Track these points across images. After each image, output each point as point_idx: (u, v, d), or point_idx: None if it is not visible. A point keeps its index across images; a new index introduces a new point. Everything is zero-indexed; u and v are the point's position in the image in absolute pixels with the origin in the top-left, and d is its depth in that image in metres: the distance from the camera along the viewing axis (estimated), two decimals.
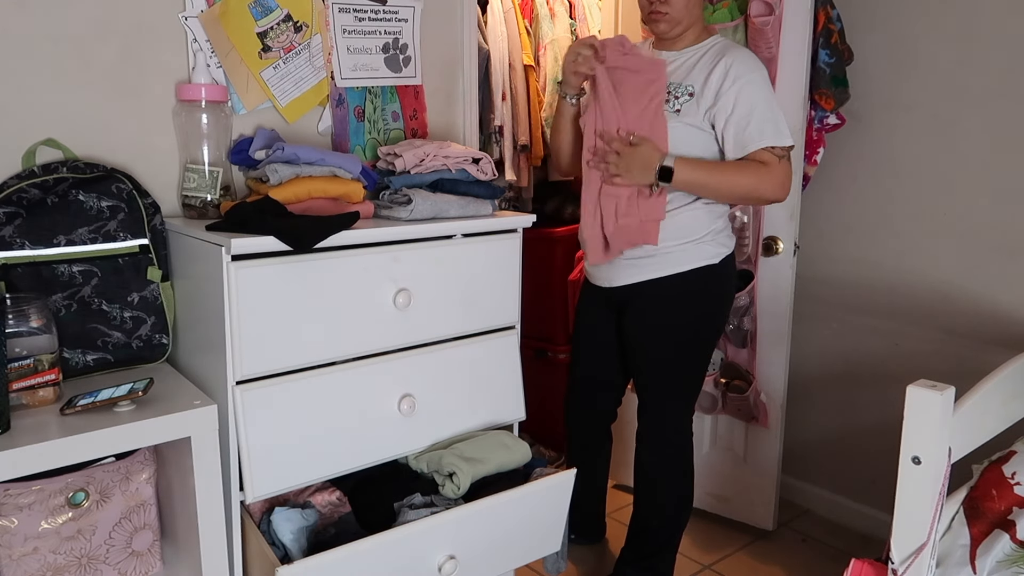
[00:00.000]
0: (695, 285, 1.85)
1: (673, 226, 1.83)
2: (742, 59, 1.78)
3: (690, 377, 1.95)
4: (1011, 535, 1.30)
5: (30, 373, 1.31)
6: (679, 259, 1.84)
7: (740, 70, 1.76)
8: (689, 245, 1.83)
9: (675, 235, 1.83)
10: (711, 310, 1.91)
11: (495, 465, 1.66)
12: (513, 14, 2.91)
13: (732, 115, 1.75)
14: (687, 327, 1.89)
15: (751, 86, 1.75)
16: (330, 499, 1.62)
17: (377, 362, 1.58)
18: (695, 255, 1.84)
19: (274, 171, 1.56)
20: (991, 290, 2.11)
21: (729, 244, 1.91)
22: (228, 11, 1.69)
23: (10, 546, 1.32)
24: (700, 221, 1.84)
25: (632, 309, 1.92)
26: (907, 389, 1.17)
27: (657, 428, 1.98)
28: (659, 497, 2.02)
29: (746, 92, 1.75)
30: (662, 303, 1.88)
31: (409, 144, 1.75)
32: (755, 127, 1.74)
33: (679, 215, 1.83)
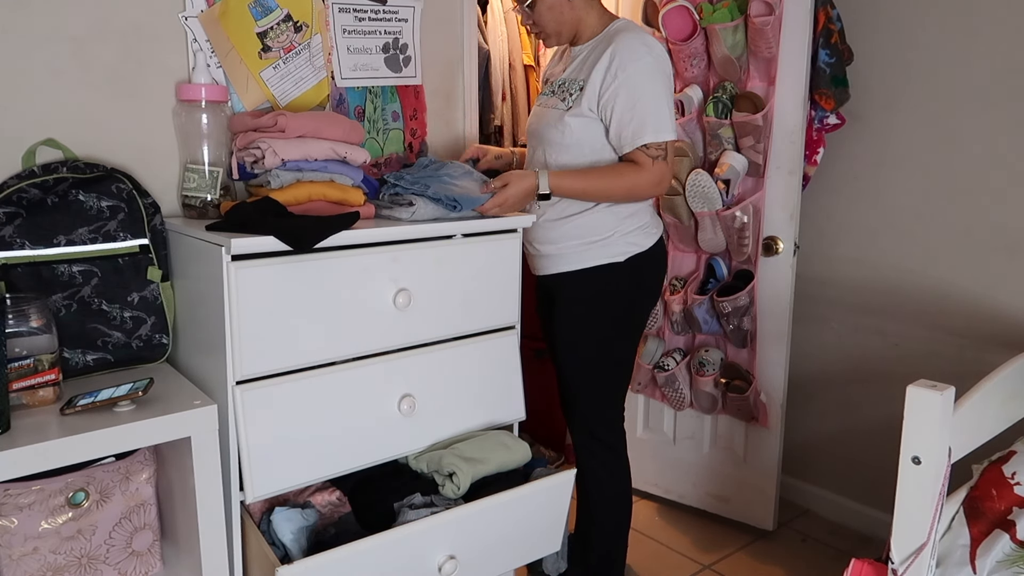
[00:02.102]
0: (599, 283, 1.84)
1: (576, 228, 1.82)
2: (625, 47, 1.71)
3: (601, 373, 1.91)
4: (1011, 535, 1.30)
5: (30, 373, 1.31)
6: (582, 257, 1.82)
7: (622, 61, 1.70)
8: (593, 245, 1.81)
9: (578, 235, 1.82)
10: (617, 307, 1.87)
11: (495, 465, 1.66)
12: (513, 14, 2.91)
13: (613, 114, 1.72)
14: (594, 324, 1.86)
15: (630, 80, 1.70)
16: (330, 499, 1.62)
17: (377, 362, 1.58)
18: (599, 253, 1.82)
19: (275, 176, 1.57)
20: (991, 290, 2.11)
21: (643, 242, 1.85)
22: (228, 11, 1.69)
23: (10, 546, 1.32)
24: (604, 222, 1.81)
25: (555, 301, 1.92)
26: (907, 389, 1.17)
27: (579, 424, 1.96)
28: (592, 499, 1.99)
29: (625, 88, 1.70)
30: (571, 299, 1.87)
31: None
32: (632, 127, 1.70)
33: (581, 218, 1.81)
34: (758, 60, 2.19)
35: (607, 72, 1.71)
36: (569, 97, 1.78)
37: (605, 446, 1.94)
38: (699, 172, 2.26)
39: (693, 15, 2.20)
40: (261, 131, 1.60)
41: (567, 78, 1.82)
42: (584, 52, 1.82)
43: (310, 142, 1.60)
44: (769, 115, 2.17)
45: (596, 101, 1.74)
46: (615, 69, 1.70)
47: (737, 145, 2.25)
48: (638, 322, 1.94)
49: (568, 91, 1.79)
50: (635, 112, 1.70)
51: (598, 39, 1.80)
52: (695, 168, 2.29)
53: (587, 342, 1.88)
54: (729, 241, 2.31)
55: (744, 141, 2.22)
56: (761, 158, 2.21)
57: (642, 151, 1.71)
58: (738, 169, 2.23)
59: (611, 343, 1.89)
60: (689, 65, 2.26)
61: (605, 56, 1.72)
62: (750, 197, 2.24)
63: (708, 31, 2.19)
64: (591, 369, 1.91)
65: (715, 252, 2.38)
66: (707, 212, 2.28)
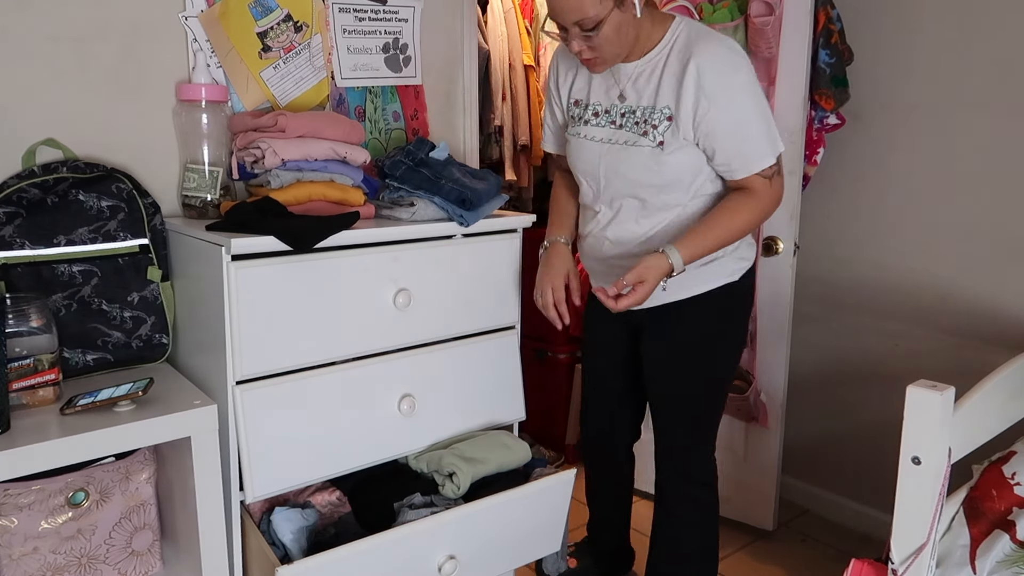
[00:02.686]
0: (713, 306, 1.65)
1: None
2: (712, 61, 1.48)
3: (712, 408, 1.73)
4: (1011, 535, 1.30)
5: (30, 373, 1.31)
6: (696, 280, 1.62)
7: (713, 83, 1.47)
8: (704, 268, 1.62)
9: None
10: (731, 332, 1.71)
11: (495, 465, 1.66)
12: (513, 14, 2.91)
13: (717, 143, 1.51)
14: (707, 353, 1.68)
15: (731, 103, 1.48)
16: (330, 499, 1.62)
17: (377, 362, 1.58)
18: (713, 274, 1.63)
19: (275, 176, 1.57)
20: (991, 290, 2.11)
21: (749, 256, 1.69)
22: (228, 11, 1.69)
23: (10, 546, 1.32)
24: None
25: (649, 334, 1.71)
26: (907, 389, 1.17)
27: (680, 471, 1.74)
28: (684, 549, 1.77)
29: (726, 113, 1.49)
30: (680, 328, 1.66)
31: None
32: (743, 156, 1.52)
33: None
34: (758, 60, 2.19)
35: (698, 94, 1.48)
36: (654, 131, 1.53)
37: (700, 484, 1.75)
38: None
39: (693, 15, 2.20)
40: (261, 131, 1.60)
41: (635, 105, 1.57)
42: (648, 69, 1.55)
43: (310, 142, 1.60)
44: None
45: (692, 130, 1.51)
46: (708, 90, 1.47)
47: None
48: (742, 345, 1.78)
49: (649, 122, 1.54)
50: (741, 138, 1.51)
51: (662, 49, 1.54)
52: None
53: (697, 375, 1.68)
54: None
55: None
56: None
57: (755, 177, 1.53)
58: None
59: (722, 372, 1.72)
60: None
61: (689, 74, 1.48)
62: None
63: None
64: (697, 404, 1.70)
65: None
66: None
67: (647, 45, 1.54)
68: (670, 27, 1.54)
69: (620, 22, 1.45)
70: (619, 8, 1.44)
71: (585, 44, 1.48)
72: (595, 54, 1.50)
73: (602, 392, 1.89)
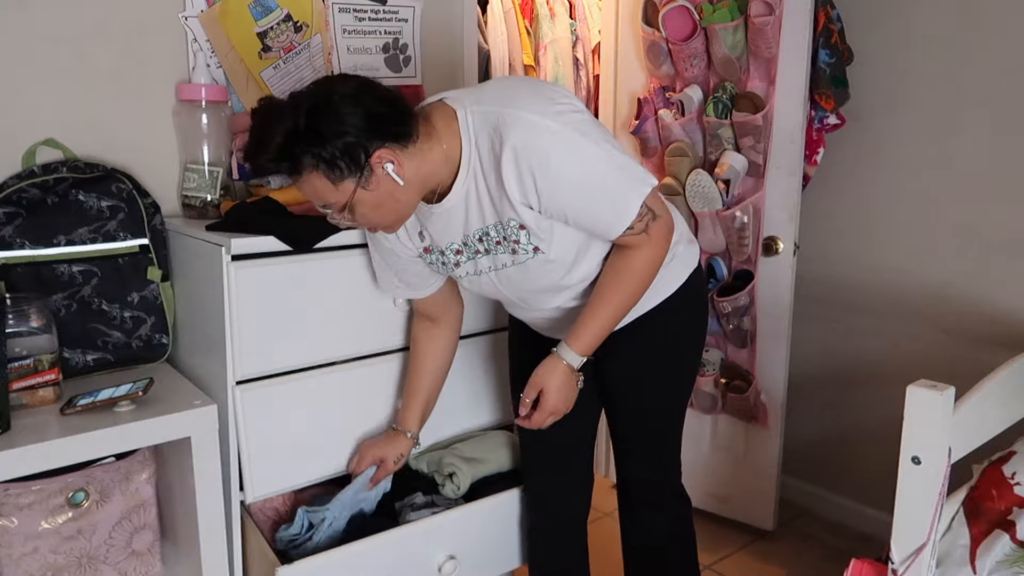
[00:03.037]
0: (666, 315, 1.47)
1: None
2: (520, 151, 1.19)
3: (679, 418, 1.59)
4: (1011, 535, 1.30)
5: (30, 373, 1.31)
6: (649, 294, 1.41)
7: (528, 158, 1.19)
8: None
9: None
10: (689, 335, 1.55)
11: (495, 465, 1.66)
12: (513, 14, 2.91)
13: (571, 219, 1.27)
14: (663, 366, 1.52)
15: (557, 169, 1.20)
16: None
17: (377, 362, 1.58)
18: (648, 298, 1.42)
19: (276, 176, 1.57)
20: (991, 290, 2.11)
21: (689, 260, 1.49)
22: (228, 11, 1.69)
23: (10, 546, 1.32)
24: None
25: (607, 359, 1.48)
26: (907, 389, 1.17)
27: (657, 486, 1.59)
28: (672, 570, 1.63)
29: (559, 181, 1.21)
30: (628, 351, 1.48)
31: None
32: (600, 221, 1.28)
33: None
34: (758, 60, 2.19)
35: (521, 187, 1.22)
36: (519, 245, 1.30)
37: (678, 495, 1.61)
38: (699, 172, 2.26)
39: (693, 15, 2.20)
40: None
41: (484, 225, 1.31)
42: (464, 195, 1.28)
43: None
44: (769, 115, 2.17)
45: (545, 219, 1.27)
46: (528, 177, 1.21)
47: (737, 145, 2.25)
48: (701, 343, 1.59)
49: (507, 238, 1.30)
50: (589, 203, 1.25)
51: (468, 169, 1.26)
52: (695, 168, 2.29)
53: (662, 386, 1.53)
54: (729, 241, 2.31)
55: (744, 141, 2.22)
56: (761, 158, 2.21)
57: (627, 236, 1.29)
58: (738, 169, 2.23)
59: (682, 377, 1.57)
60: (689, 65, 2.26)
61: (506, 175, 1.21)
62: (750, 197, 2.24)
63: (708, 31, 2.18)
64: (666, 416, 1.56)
65: (715, 252, 2.38)
66: (707, 212, 2.28)
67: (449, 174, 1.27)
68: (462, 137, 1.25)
69: (376, 197, 1.22)
70: (365, 187, 1.20)
71: (352, 219, 1.26)
72: (374, 224, 1.29)
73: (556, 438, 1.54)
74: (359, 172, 1.19)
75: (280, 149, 1.17)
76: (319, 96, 1.18)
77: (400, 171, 1.21)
